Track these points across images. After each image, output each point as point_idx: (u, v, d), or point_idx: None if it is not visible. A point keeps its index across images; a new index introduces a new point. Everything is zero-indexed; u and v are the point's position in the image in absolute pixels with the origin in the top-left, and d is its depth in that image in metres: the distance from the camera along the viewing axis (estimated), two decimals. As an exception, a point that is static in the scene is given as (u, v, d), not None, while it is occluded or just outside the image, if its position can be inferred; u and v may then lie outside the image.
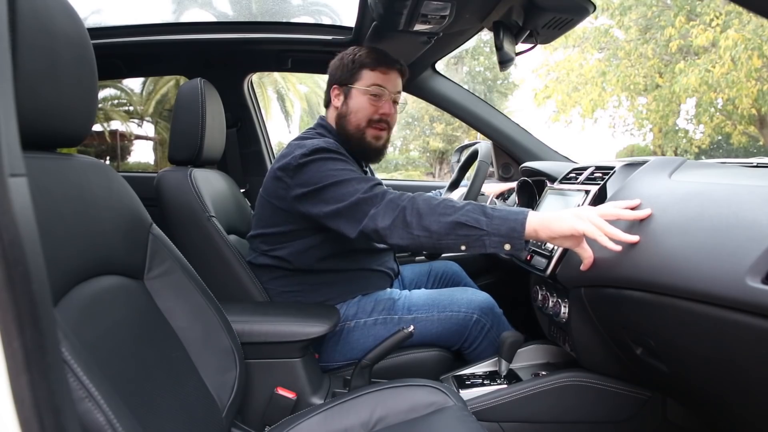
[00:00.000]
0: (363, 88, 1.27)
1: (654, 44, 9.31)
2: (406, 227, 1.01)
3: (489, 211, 0.98)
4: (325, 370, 1.25)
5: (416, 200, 1.03)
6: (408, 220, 1.01)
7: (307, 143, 1.18)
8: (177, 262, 0.90)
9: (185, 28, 1.87)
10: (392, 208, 1.03)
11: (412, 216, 1.01)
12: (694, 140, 10.32)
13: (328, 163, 1.14)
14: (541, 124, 12.91)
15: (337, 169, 1.13)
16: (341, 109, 1.30)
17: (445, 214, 0.99)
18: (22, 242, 0.34)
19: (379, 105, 1.27)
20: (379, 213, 1.04)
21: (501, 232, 0.96)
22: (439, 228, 0.99)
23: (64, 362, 0.53)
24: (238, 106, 1.96)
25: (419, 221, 1.00)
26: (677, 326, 0.75)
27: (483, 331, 1.28)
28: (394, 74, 1.29)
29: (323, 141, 1.19)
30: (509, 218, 0.96)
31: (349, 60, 1.28)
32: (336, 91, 1.31)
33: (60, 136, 0.70)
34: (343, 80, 1.29)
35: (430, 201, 1.02)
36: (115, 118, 12.63)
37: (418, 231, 1.00)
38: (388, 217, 1.03)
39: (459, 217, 0.98)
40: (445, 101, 1.88)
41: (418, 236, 1.01)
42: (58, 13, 0.66)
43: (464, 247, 0.99)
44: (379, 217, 1.03)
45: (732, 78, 7.88)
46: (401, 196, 1.05)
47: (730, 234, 0.65)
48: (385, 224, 1.03)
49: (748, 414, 0.74)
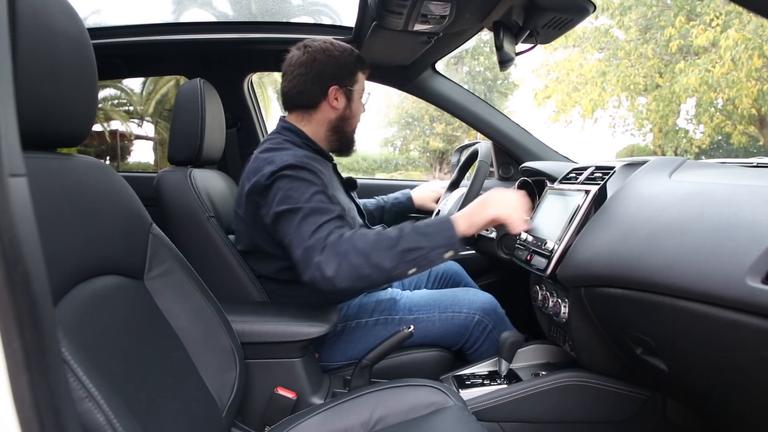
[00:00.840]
0: (360, 91, 1.27)
1: (654, 44, 9.31)
2: (353, 270, 1.01)
3: (422, 229, 1.04)
4: (325, 370, 1.25)
5: (355, 240, 1.02)
6: (355, 263, 1.01)
7: (276, 158, 1.13)
8: (177, 262, 0.90)
9: (185, 28, 1.87)
10: (335, 254, 1.02)
11: (357, 258, 1.01)
12: (694, 140, 10.32)
13: (294, 183, 1.10)
14: (541, 124, 12.91)
15: (301, 194, 1.09)
16: (344, 111, 1.27)
17: (389, 247, 1.02)
18: (22, 242, 0.34)
19: (364, 106, 1.32)
20: (323, 261, 1.01)
21: (441, 244, 1.04)
22: (389, 261, 1.02)
23: (64, 362, 0.53)
24: (238, 106, 1.96)
25: (367, 261, 1.01)
26: (677, 326, 0.75)
27: (485, 332, 1.28)
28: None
29: (292, 155, 1.14)
30: (442, 229, 1.05)
31: (348, 60, 1.25)
32: (336, 92, 1.25)
33: (60, 136, 0.70)
34: (341, 81, 1.25)
35: (367, 237, 1.03)
36: (115, 118, 12.64)
37: (368, 270, 1.01)
38: (333, 264, 1.01)
39: (402, 245, 1.02)
40: (445, 101, 1.88)
41: (369, 275, 1.02)
42: (58, 13, 0.66)
43: (414, 269, 1.04)
44: (324, 266, 1.01)
45: (732, 78, 7.88)
46: (341, 239, 1.03)
47: (730, 234, 0.65)
48: (331, 273, 1.01)
49: (747, 414, 0.74)
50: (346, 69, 1.25)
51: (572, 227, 1.05)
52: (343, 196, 1.29)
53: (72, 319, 0.61)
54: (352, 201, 1.38)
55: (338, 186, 1.32)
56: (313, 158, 1.20)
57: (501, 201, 1.08)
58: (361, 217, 1.40)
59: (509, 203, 1.08)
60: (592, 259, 0.93)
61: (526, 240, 1.22)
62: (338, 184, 1.33)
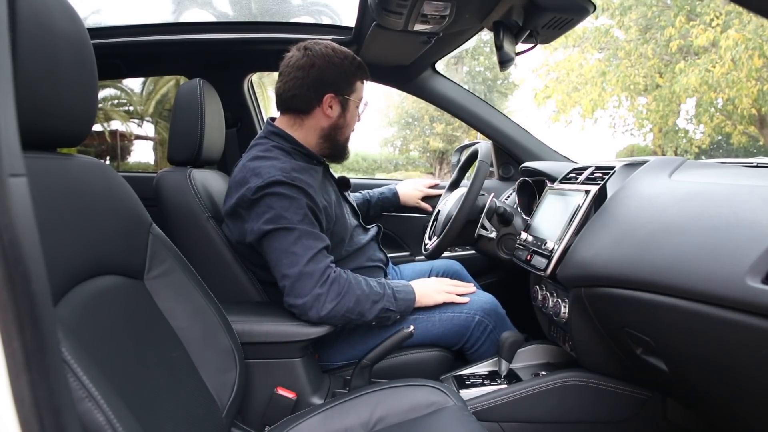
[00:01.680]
0: (357, 101, 1.25)
1: (654, 44, 9.31)
2: (346, 311, 1.10)
3: (396, 295, 1.18)
4: (325, 370, 1.25)
5: (353, 286, 1.11)
6: (349, 306, 1.10)
7: (263, 171, 1.11)
8: (177, 262, 0.90)
9: (185, 28, 1.87)
10: (336, 293, 1.09)
11: (351, 302, 1.10)
12: (694, 140, 10.32)
13: (284, 201, 1.09)
14: (541, 124, 12.91)
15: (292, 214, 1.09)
16: (337, 120, 1.23)
17: (375, 301, 1.14)
18: (21, 242, 0.34)
19: (359, 116, 1.30)
20: (324, 295, 1.08)
21: (402, 310, 1.19)
22: (371, 314, 1.14)
23: (64, 362, 0.53)
24: (238, 106, 1.96)
25: (357, 306, 1.11)
26: (677, 326, 0.75)
27: (485, 332, 1.28)
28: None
29: (280, 169, 1.11)
30: (408, 298, 1.20)
31: (348, 69, 1.21)
32: (331, 100, 1.21)
33: (60, 136, 0.70)
34: (339, 89, 1.21)
35: (362, 286, 1.13)
36: (115, 118, 12.63)
37: (354, 315, 1.12)
38: (332, 301, 1.08)
39: (384, 304, 1.15)
40: (445, 101, 1.88)
41: (352, 320, 1.12)
42: (58, 13, 0.66)
43: (375, 322, 1.17)
44: (323, 300, 1.08)
45: (732, 78, 7.88)
46: (340, 278, 1.11)
47: (730, 234, 0.65)
48: (328, 308, 1.08)
49: (747, 414, 0.74)
50: (345, 77, 1.22)
51: (572, 227, 1.05)
52: (334, 198, 1.28)
53: (72, 319, 0.61)
54: (346, 201, 1.38)
55: (330, 188, 1.30)
56: (302, 168, 1.17)
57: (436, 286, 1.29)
58: (355, 217, 1.39)
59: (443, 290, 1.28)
60: (592, 259, 0.93)
61: (526, 240, 1.22)
62: (330, 186, 1.32)
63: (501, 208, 1.37)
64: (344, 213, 1.31)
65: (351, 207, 1.39)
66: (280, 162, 1.16)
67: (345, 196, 1.39)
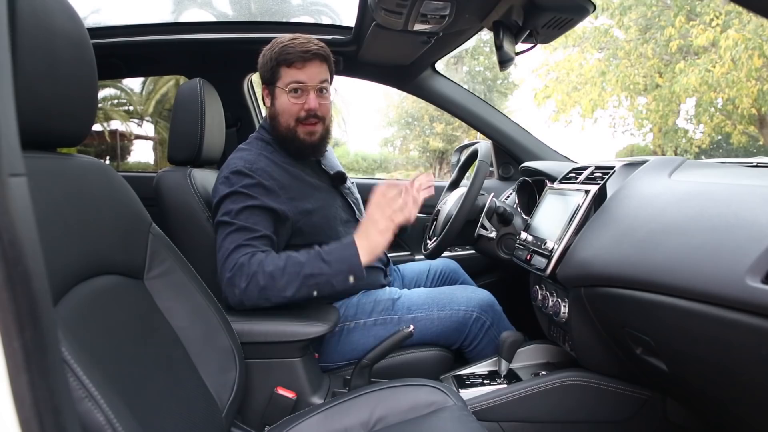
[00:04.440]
0: (283, 87, 1.22)
1: (654, 44, 9.30)
2: (260, 290, 1.06)
3: (326, 257, 1.08)
4: (325, 370, 1.25)
5: (265, 263, 1.07)
6: (261, 284, 1.06)
7: (231, 161, 1.19)
8: (177, 261, 0.90)
9: (185, 27, 1.87)
10: (245, 275, 1.07)
11: (264, 279, 1.06)
12: (694, 140, 10.31)
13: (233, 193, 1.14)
14: (541, 124, 12.91)
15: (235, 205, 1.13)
16: (271, 110, 1.26)
17: (293, 272, 1.06)
18: (21, 242, 0.34)
19: (303, 102, 1.22)
20: (234, 278, 1.07)
21: (342, 270, 1.08)
22: (292, 286, 1.06)
23: (64, 362, 0.53)
24: (238, 105, 1.96)
25: (273, 283, 1.06)
26: (677, 326, 0.75)
27: (483, 329, 1.28)
28: (313, 65, 1.21)
29: (244, 160, 1.18)
30: (344, 255, 1.09)
31: (267, 58, 1.23)
32: (265, 92, 1.27)
33: (60, 136, 0.70)
34: (267, 80, 1.25)
35: (277, 261, 1.07)
36: (115, 118, 12.64)
37: (272, 293, 1.07)
38: (242, 284, 1.06)
39: (306, 270, 1.07)
40: (445, 101, 1.88)
41: (271, 297, 1.07)
42: (58, 13, 0.66)
43: (315, 292, 1.08)
44: (233, 284, 1.07)
45: (732, 78, 7.88)
46: (251, 259, 1.07)
47: (730, 234, 0.65)
48: (239, 291, 1.07)
49: (747, 414, 0.74)
50: (267, 67, 1.23)
51: (572, 227, 1.05)
52: (318, 192, 1.29)
53: (72, 318, 0.61)
54: (340, 195, 1.38)
55: (315, 182, 1.30)
56: (276, 160, 1.23)
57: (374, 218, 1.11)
58: (349, 213, 1.39)
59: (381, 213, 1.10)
60: (591, 259, 0.93)
61: (526, 240, 1.22)
62: (318, 180, 1.32)
63: (501, 207, 1.37)
64: (330, 206, 1.31)
65: (345, 202, 1.38)
66: (250, 153, 1.22)
67: (340, 190, 1.39)
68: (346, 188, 1.42)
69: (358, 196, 1.48)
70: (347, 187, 1.43)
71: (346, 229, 1.32)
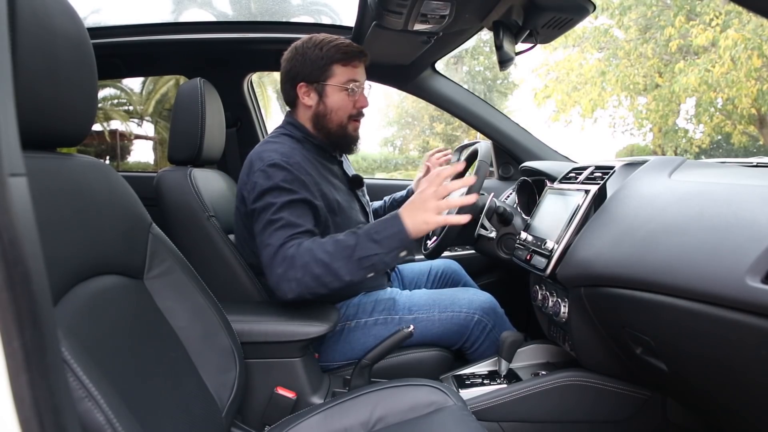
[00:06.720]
0: (339, 85, 1.24)
1: (654, 44, 9.31)
2: (315, 279, 1.04)
3: (375, 236, 1.05)
4: (325, 370, 1.25)
5: (315, 251, 1.05)
6: (316, 273, 1.04)
7: (264, 154, 1.17)
8: (177, 261, 0.90)
9: (185, 27, 1.87)
10: (298, 267, 1.04)
11: (318, 268, 1.04)
12: (694, 140, 10.32)
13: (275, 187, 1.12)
14: (541, 124, 12.91)
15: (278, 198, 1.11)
16: (318, 108, 1.26)
17: (347, 256, 1.04)
18: (21, 242, 0.34)
19: (357, 99, 1.27)
20: (287, 272, 1.05)
21: (394, 246, 1.04)
22: (348, 270, 1.04)
23: (64, 362, 0.53)
24: (238, 105, 1.96)
25: (327, 270, 1.04)
26: (677, 326, 0.75)
27: (485, 332, 1.28)
28: (362, 65, 1.28)
29: (280, 153, 1.16)
30: (394, 232, 1.04)
31: (317, 56, 1.23)
32: (305, 89, 1.26)
33: (60, 135, 0.70)
34: (312, 77, 1.25)
35: (326, 246, 1.05)
36: (115, 118, 12.63)
37: (328, 278, 1.04)
38: (297, 275, 1.04)
39: (359, 253, 1.04)
40: (445, 101, 1.88)
41: (329, 283, 1.05)
42: (58, 13, 0.66)
43: (371, 273, 1.06)
44: (290, 277, 1.05)
45: (732, 78, 7.88)
46: (299, 249, 1.05)
47: (730, 234, 0.65)
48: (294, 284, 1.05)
49: (747, 414, 0.74)
50: (314, 65, 1.23)
51: (572, 227, 1.05)
52: (340, 194, 1.29)
53: (72, 318, 0.61)
54: (357, 199, 1.39)
55: (338, 184, 1.32)
56: (308, 157, 1.23)
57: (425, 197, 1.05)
58: (365, 216, 1.39)
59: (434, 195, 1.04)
60: (591, 259, 0.93)
61: (526, 240, 1.23)
62: (340, 182, 1.33)
63: (501, 207, 1.37)
64: (351, 209, 1.32)
65: (361, 206, 1.39)
66: (284, 146, 1.21)
67: (356, 194, 1.39)
68: (361, 191, 1.42)
69: (367, 198, 1.49)
70: (362, 190, 1.44)
71: None
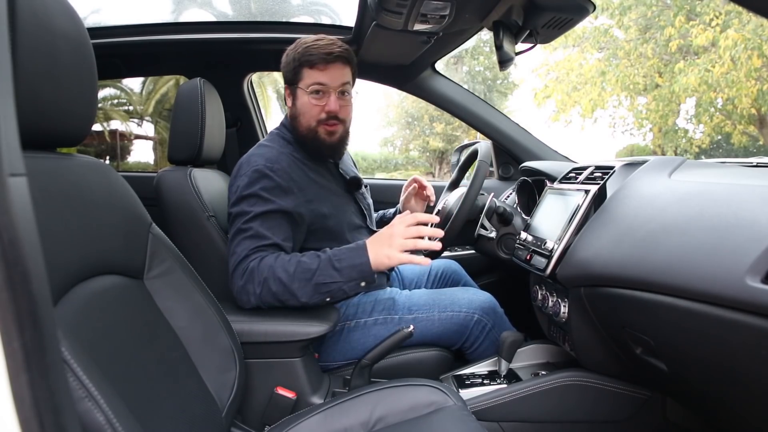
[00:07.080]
0: (304, 88, 1.23)
1: (654, 44, 9.31)
2: (272, 296, 1.08)
3: (336, 264, 1.08)
4: (325, 370, 1.25)
5: (276, 269, 1.07)
6: (273, 290, 1.07)
7: (252, 158, 1.19)
8: (177, 261, 0.90)
9: (185, 27, 1.87)
10: (257, 280, 1.08)
11: (276, 285, 1.07)
12: (694, 140, 10.32)
13: (252, 196, 1.14)
14: (541, 124, 12.92)
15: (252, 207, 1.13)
16: (292, 110, 1.27)
17: (305, 279, 1.07)
18: (21, 242, 0.34)
19: (324, 103, 1.22)
20: (246, 285, 1.08)
21: (354, 277, 1.08)
22: (305, 293, 1.07)
23: (64, 362, 0.53)
24: (238, 105, 1.96)
25: (285, 289, 1.07)
26: (677, 326, 0.75)
27: (484, 332, 1.28)
28: (336, 66, 1.21)
29: (265, 158, 1.18)
30: (355, 263, 1.07)
31: (291, 59, 1.24)
32: (287, 91, 1.28)
33: (60, 136, 0.70)
34: (289, 80, 1.26)
35: (287, 267, 1.07)
36: (115, 118, 12.64)
37: (285, 298, 1.08)
38: (256, 289, 1.08)
39: (317, 278, 1.07)
40: (445, 101, 1.88)
41: (286, 301, 1.08)
42: (58, 13, 0.66)
43: (329, 299, 1.09)
44: (249, 290, 1.08)
45: (732, 78, 7.88)
46: (260, 264, 1.08)
47: (730, 234, 0.65)
48: (253, 297, 1.08)
49: (747, 414, 0.74)
50: (291, 68, 1.24)
51: (572, 227, 1.05)
52: (332, 196, 1.29)
53: (72, 318, 0.61)
54: (354, 201, 1.38)
55: (330, 185, 1.31)
56: (298, 159, 1.24)
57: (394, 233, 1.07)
58: (361, 219, 1.39)
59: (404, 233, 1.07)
60: (591, 259, 0.93)
61: (526, 240, 1.23)
62: (334, 184, 1.32)
63: (501, 207, 1.37)
64: (344, 211, 1.31)
65: (358, 207, 1.39)
66: (272, 151, 1.22)
67: (354, 196, 1.39)
68: (360, 194, 1.42)
69: (370, 201, 1.48)
70: (361, 192, 1.43)
71: (356, 235, 1.32)
